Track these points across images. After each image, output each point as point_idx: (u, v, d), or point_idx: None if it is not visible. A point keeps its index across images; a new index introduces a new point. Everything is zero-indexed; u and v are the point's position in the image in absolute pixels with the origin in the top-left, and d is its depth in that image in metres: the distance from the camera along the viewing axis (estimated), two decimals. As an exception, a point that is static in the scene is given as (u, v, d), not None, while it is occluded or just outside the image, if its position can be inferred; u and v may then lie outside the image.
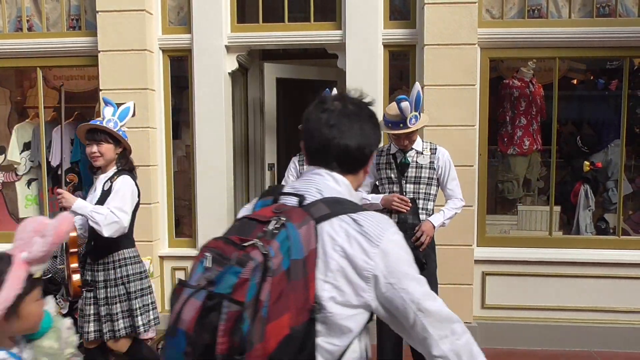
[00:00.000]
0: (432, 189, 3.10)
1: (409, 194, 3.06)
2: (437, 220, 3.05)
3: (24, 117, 5.12)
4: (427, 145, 3.15)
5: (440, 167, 3.09)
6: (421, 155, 3.10)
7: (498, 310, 4.07)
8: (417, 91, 2.93)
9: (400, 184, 3.09)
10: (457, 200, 3.15)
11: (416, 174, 3.08)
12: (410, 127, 2.93)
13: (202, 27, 4.09)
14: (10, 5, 4.36)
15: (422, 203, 3.07)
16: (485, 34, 3.89)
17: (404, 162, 3.10)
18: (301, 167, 3.81)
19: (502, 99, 4.61)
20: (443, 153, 3.12)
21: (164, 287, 4.33)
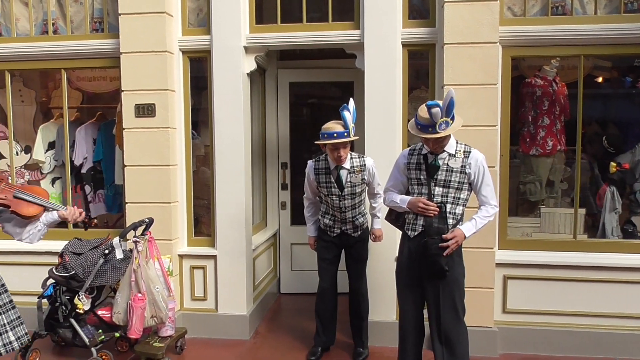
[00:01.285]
0: (462, 194, 2.99)
1: (437, 197, 2.96)
2: (469, 230, 2.96)
3: (49, 117, 5.24)
4: (461, 147, 3.02)
5: (473, 173, 2.97)
6: (453, 158, 2.97)
7: (520, 315, 3.99)
8: (450, 98, 2.81)
9: (428, 186, 3.00)
10: (490, 207, 3.04)
11: (446, 177, 2.97)
12: (440, 133, 2.84)
13: (221, 28, 4.12)
14: (37, 10, 4.47)
15: (450, 207, 2.97)
16: (506, 32, 3.81)
17: (434, 165, 3.00)
18: (317, 175, 3.71)
19: (524, 98, 4.51)
20: (476, 158, 2.98)
21: (182, 286, 4.37)
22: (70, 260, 3.72)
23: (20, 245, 4.47)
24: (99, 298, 3.90)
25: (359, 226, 3.78)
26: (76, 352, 3.93)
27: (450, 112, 2.83)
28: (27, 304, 4.38)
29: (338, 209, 3.71)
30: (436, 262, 2.88)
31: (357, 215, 3.76)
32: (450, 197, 2.97)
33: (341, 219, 3.75)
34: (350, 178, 3.64)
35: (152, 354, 3.68)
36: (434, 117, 2.80)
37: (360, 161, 3.68)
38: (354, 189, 3.68)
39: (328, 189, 3.69)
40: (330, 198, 3.71)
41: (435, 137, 2.87)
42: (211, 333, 4.30)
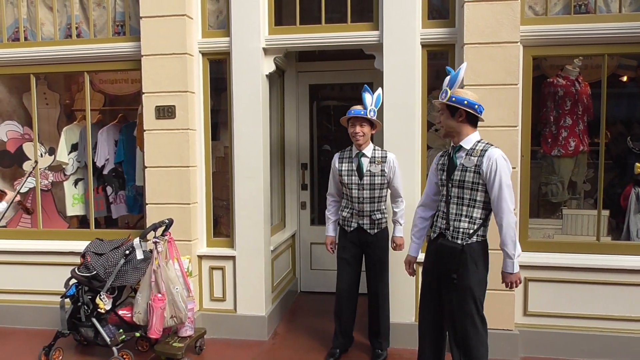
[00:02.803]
0: (478, 195, 2.80)
1: (453, 198, 2.86)
2: (509, 267, 2.83)
3: (72, 119, 5.33)
4: (480, 145, 2.85)
5: (485, 172, 2.76)
6: (468, 157, 2.83)
7: (541, 318, 3.93)
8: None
9: (446, 187, 2.91)
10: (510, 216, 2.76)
11: (460, 177, 2.84)
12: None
13: (240, 30, 4.14)
14: (61, 14, 4.56)
15: (466, 210, 2.82)
16: (528, 32, 3.77)
17: (453, 163, 2.90)
18: (340, 163, 3.81)
19: (545, 98, 4.45)
20: (490, 155, 2.77)
21: (201, 286, 4.41)
22: (92, 261, 3.77)
23: (44, 246, 4.61)
24: (120, 298, 3.95)
25: (376, 222, 3.74)
26: (98, 351, 3.99)
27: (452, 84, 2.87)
28: (51, 303, 4.50)
29: (356, 199, 3.71)
30: (446, 270, 2.82)
31: (375, 210, 3.73)
32: (465, 198, 2.83)
33: (358, 212, 3.73)
34: (370, 167, 3.69)
35: (172, 353, 3.71)
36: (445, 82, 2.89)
37: (382, 153, 3.75)
38: (372, 179, 3.68)
39: (349, 177, 3.74)
40: (350, 188, 3.73)
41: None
42: (230, 333, 4.32)
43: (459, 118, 2.84)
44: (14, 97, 5.17)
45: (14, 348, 4.19)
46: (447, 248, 2.81)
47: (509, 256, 2.80)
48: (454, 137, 2.89)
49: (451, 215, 2.86)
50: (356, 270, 3.88)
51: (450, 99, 2.82)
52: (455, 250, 2.78)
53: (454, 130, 2.87)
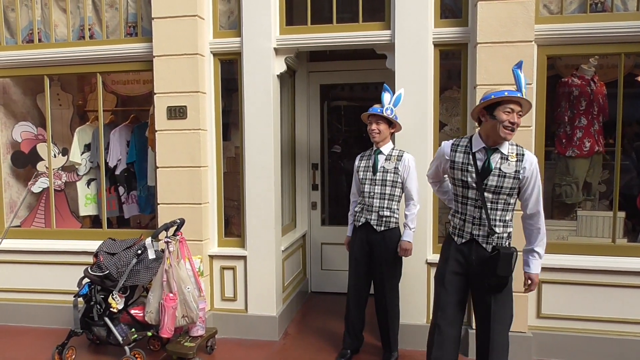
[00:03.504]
0: (512, 199, 2.75)
1: (487, 202, 2.73)
2: (539, 268, 2.83)
3: (85, 120, 5.37)
4: (513, 148, 2.74)
5: (526, 178, 2.70)
6: (506, 162, 2.69)
7: (555, 321, 3.88)
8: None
9: (481, 191, 2.73)
10: (542, 219, 2.79)
11: (498, 183, 2.69)
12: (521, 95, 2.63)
13: (251, 31, 4.14)
14: (74, 16, 4.60)
15: (501, 214, 2.73)
16: (542, 31, 3.72)
17: (488, 167, 2.71)
18: (360, 160, 3.85)
19: (560, 98, 4.39)
20: (531, 161, 2.71)
21: (213, 286, 4.42)
22: (104, 260, 3.79)
23: (57, 245, 4.65)
24: (132, 297, 3.97)
25: (383, 219, 3.68)
26: (110, 350, 4.01)
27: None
28: (64, 302, 4.53)
29: (367, 194, 3.71)
30: (504, 277, 2.72)
31: (384, 207, 3.68)
32: (500, 203, 2.72)
33: (367, 206, 3.72)
34: (384, 164, 3.70)
35: (184, 353, 3.72)
36: (519, 81, 2.69)
37: (399, 152, 3.74)
38: (385, 175, 3.68)
39: (364, 173, 3.77)
40: (363, 183, 3.75)
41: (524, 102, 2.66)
42: (241, 333, 4.32)
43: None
44: (28, 98, 5.22)
45: (28, 346, 4.23)
46: (509, 256, 2.68)
47: (539, 256, 2.82)
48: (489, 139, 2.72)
49: (491, 222, 2.73)
50: (365, 270, 3.82)
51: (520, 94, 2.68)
52: (512, 257, 2.69)
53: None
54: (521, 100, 2.65)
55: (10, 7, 4.68)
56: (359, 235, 3.78)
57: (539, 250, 2.80)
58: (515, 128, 2.66)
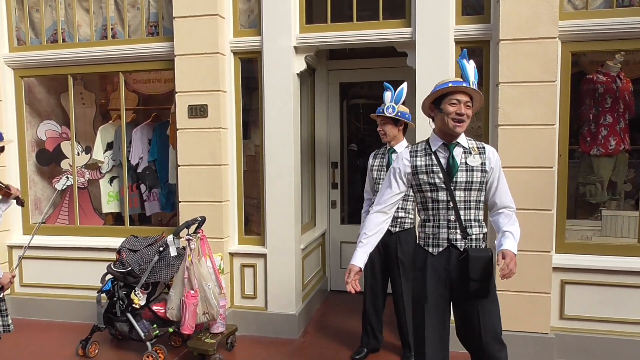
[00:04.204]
0: (481, 195, 2.55)
1: (460, 203, 2.51)
2: (514, 248, 2.47)
3: (107, 118, 5.45)
4: (472, 142, 2.58)
5: (493, 170, 2.54)
6: (470, 155, 2.53)
7: (578, 322, 3.82)
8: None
9: (449, 190, 2.51)
10: (512, 211, 2.59)
11: (467, 179, 2.50)
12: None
13: (271, 29, 4.15)
14: (97, 16, 4.66)
15: (474, 213, 2.52)
16: (566, 27, 3.65)
17: (453, 163, 2.52)
18: (374, 159, 3.82)
19: (584, 95, 4.31)
20: (494, 151, 2.58)
21: (233, 283, 4.45)
22: (127, 257, 3.85)
23: (80, 242, 4.73)
24: (154, 294, 4.01)
25: (397, 220, 3.64)
26: (132, 346, 4.07)
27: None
28: (87, 297, 4.61)
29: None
30: (483, 282, 2.44)
31: (399, 208, 3.63)
32: (472, 201, 2.52)
33: None
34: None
35: (204, 349, 3.75)
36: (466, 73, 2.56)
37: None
38: None
39: (377, 172, 3.73)
40: (377, 183, 3.72)
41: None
42: (261, 331, 4.35)
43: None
44: (52, 98, 5.31)
45: (53, 341, 4.32)
46: (483, 259, 2.44)
47: (513, 237, 2.51)
48: (445, 135, 2.53)
49: (465, 222, 2.51)
50: (381, 270, 3.80)
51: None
52: (490, 259, 2.45)
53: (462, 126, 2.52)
54: (468, 90, 2.48)
55: (35, 8, 4.77)
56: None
57: (512, 230, 2.51)
58: (465, 119, 2.46)
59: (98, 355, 4.01)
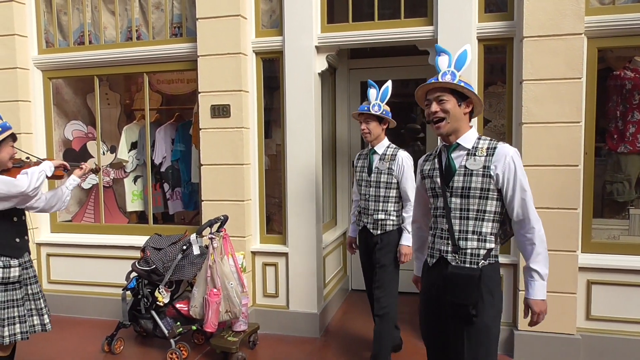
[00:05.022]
0: (488, 205, 2.16)
1: (455, 211, 2.20)
2: (541, 293, 2.14)
3: (132, 118, 5.54)
4: (484, 143, 2.20)
5: (501, 174, 2.13)
6: (472, 157, 2.18)
7: (605, 323, 3.74)
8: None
9: (443, 197, 2.23)
10: (533, 233, 2.14)
11: (464, 184, 2.18)
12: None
13: (293, 29, 4.17)
14: (122, 18, 4.75)
15: (474, 224, 2.17)
16: (593, 22, 3.59)
17: (449, 166, 2.23)
18: (357, 160, 3.73)
19: (611, 92, 4.22)
20: (505, 153, 2.13)
21: (255, 282, 4.48)
22: (151, 255, 3.91)
23: (106, 240, 4.82)
24: (177, 292, 4.07)
25: (379, 223, 3.52)
26: (156, 343, 4.13)
27: (460, 65, 2.25)
28: (112, 295, 4.69)
29: (363, 196, 3.62)
30: (461, 305, 2.12)
31: (379, 210, 3.52)
32: (472, 210, 2.17)
33: (364, 209, 3.61)
34: (378, 164, 3.55)
35: (227, 347, 3.79)
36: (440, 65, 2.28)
37: (393, 151, 3.55)
38: (379, 177, 3.52)
39: (360, 174, 3.66)
40: (360, 185, 3.66)
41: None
42: (282, 329, 4.37)
43: (466, 109, 2.21)
44: (79, 98, 5.43)
45: (79, 337, 4.41)
46: (462, 277, 2.13)
47: (540, 277, 2.14)
48: (451, 134, 2.22)
49: (455, 234, 2.20)
50: (370, 275, 3.71)
51: (460, 82, 2.18)
52: (473, 278, 2.12)
53: (456, 123, 2.20)
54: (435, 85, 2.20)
55: (63, 11, 4.88)
56: (362, 238, 3.71)
57: (537, 268, 2.14)
58: (441, 116, 2.17)
59: (123, 351, 4.08)
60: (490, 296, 2.16)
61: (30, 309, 2.99)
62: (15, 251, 2.93)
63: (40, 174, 2.91)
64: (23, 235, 3.01)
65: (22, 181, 2.80)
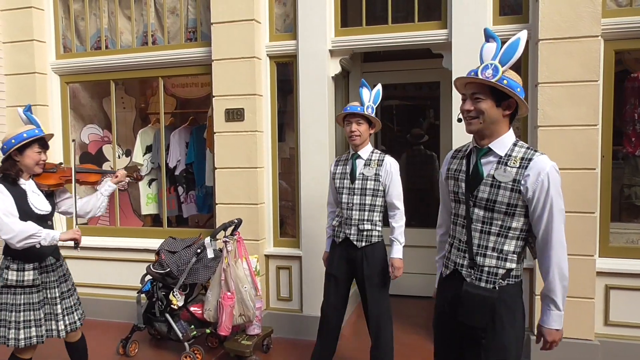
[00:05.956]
0: (513, 221, 1.95)
1: (476, 223, 1.99)
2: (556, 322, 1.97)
3: (147, 122, 5.60)
4: (519, 150, 1.96)
5: (532, 191, 1.89)
6: (503, 167, 1.94)
7: (624, 329, 3.69)
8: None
9: (466, 205, 2.03)
10: (557, 254, 1.92)
11: (490, 196, 1.95)
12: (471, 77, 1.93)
13: (307, 33, 4.19)
14: (138, 23, 4.81)
15: (495, 241, 1.97)
16: (610, 25, 3.56)
17: (477, 171, 2.00)
18: (336, 166, 3.42)
19: (629, 94, 4.17)
20: (539, 169, 1.88)
21: (269, 285, 4.48)
22: (165, 258, 3.93)
23: (121, 243, 4.85)
24: (192, 295, 4.08)
25: (364, 234, 3.23)
26: (171, 346, 4.15)
27: (507, 58, 1.94)
28: (127, 297, 4.72)
29: (345, 205, 3.28)
30: (473, 326, 1.97)
31: (365, 220, 3.23)
32: (496, 225, 1.96)
33: (346, 219, 3.28)
34: (363, 170, 3.25)
35: (241, 351, 3.79)
36: (485, 54, 2.00)
37: (379, 156, 3.29)
38: (365, 183, 3.23)
39: (341, 181, 3.32)
40: (341, 193, 3.31)
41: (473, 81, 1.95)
42: (296, 333, 4.36)
43: (506, 110, 1.95)
44: (95, 102, 5.50)
45: (95, 339, 4.42)
46: (475, 297, 1.95)
47: (556, 307, 1.95)
48: (484, 136, 2.00)
49: (474, 247, 2.01)
50: (343, 292, 3.41)
51: (502, 80, 1.89)
52: (487, 300, 1.93)
53: (492, 125, 1.96)
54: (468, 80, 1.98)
55: (81, 17, 4.95)
56: (338, 252, 3.34)
57: (554, 297, 1.94)
58: (475, 115, 1.95)
59: (138, 354, 4.10)
60: (512, 317, 1.97)
61: (47, 313, 2.99)
62: (35, 256, 2.90)
63: (32, 238, 2.76)
64: None
65: (8, 232, 2.71)
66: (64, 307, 3.07)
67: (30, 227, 2.76)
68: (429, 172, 5.53)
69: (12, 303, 2.86)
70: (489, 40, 1.99)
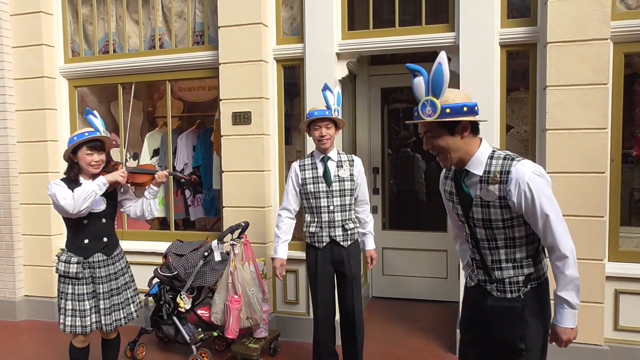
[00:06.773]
0: (515, 231, 1.97)
1: (482, 242, 2.03)
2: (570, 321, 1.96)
3: (154, 126, 5.62)
4: (497, 163, 1.93)
5: (517, 203, 1.89)
6: (484, 185, 1.94)
7: (634, 334, 3.66)
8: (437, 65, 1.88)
9: (468, 225, 2.07)
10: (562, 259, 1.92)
11: (483, 215, 1.98)
12: (424, 119, 1.90)
13: (314, 36, 4.19)
14: (146, 27, 4.83)
15: (506, 253, 1.99)
16: (619, 27, 3.53)
17: (464, 193, 2.03)
18: (302, 171, 3.37)
19: (638, 97, 4.14)
20: (517, 178, 1.87)
21: (275, 289, 4.48)
22: (173, 261, 3.93)
23: (128, 246, 4.85)
24: (199, 298, 4.09)
25: (349, 232, 3.33)
26: (178, 349, 4.15)
27: (438, 89, 1.86)
28: (135, 300, 4.72)
29: (326, 208, 3.29)
30: (507, 340, 1.98)
31: (347, 220, 3.33)
32: (500, 239, 2.00)
33: (329, 222, 3.30)
34: (338, 172, 3.31)
35: (248, 354, 3.79)
36: (417, 91, 1.92)
37: (348, 157, 3.40)
38: (342, 185, 3.30)
39: (315, 185, 3.31)
40: (317, 197, 3.30)
41: (420, 123, 1.94)
42: (303, 337, 4.35)
43: (463, 133, 1.93)
44: (103, 106, 5.52)
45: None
46: (503, 310, 1.97)
47: (570, 306, 1.95)
48: (459, 162, 2.00)
49: (488, 264, 2.05)
50: (331, 294, 3.45)
51: (444, 113, 1.86)
52: (514, 310, 1.95)
53: (458, 152, 1.96)
54: (415, 122, 1.98)
55: (89, 21, 4.98)
56: (322, 256, 3.35)
57: (568, 297, 1.93)
58: (438, 152, 1.99)
59: (145, 357, 4.11)
60: (537, 320, 2.00)
61: (95, 306, 3.11)
62: (81, 251, 3.07)
63: (89, 194, 2.93)
64: (96, 238, 3.11)
65: (68, 205, 2.88)
66: (112, 304, 3.18)
67: (78, 189, 2.93)
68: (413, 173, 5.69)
69: (63, 292, 3.07)
70: (415, 75, 1.93)
